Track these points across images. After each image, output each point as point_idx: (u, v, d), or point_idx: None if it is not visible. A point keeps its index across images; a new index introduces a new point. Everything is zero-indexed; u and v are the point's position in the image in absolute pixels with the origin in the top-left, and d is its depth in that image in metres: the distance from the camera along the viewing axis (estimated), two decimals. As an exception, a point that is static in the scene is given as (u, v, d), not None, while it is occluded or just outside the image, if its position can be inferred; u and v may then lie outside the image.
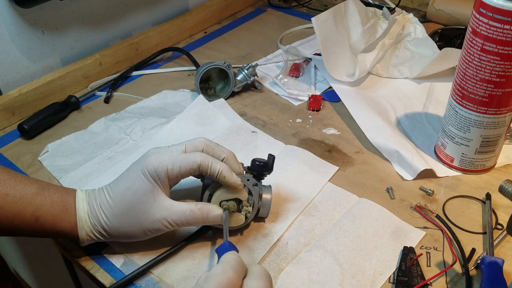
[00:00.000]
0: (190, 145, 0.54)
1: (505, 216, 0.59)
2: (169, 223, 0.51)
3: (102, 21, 0.89)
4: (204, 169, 0.52)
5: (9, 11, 0.75)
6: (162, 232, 0.53)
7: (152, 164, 0.51)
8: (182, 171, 0.51)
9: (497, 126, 0.61)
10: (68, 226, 0.51)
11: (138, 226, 0.51)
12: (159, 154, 0.52)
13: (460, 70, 0.60)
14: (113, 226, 0.51)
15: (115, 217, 0.51)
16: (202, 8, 1.05)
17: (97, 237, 0.52)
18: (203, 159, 0.51)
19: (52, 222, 0.51)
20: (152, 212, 0.51)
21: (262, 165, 0.55)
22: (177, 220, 0.51)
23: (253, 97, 0.83)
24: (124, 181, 0.52)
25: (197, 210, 0.52)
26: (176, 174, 0.51)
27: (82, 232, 0.52)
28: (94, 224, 0.52)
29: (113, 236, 0.53)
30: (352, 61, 0.84)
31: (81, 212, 0.51)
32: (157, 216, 0.51)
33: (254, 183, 0.55)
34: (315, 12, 1.05)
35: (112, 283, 0.52)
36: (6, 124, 0.78)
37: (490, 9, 0.53)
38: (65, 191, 0.53)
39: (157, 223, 0.51)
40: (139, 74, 0.91)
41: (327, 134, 0.74)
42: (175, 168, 0.51)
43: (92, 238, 0.52)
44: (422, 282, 0.51)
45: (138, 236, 0.53)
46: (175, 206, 0.51)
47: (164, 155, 0.52)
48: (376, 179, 0.65)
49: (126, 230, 0.52)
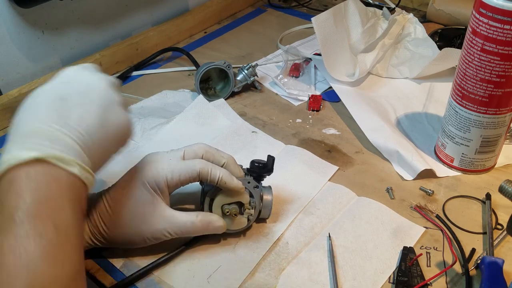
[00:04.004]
0: (189, 151, 0.53)
1: (505, 216, 0.59)
2: (169, 233, 0.51)
3: (102, 21, 0.89)
4: (204, 177, 0.51)
5: (9, 11, 0.75)
6: (162, 240, 0.52)
7: (151, 175, 0.50)
8: (182, 180, 0.51)
9: (497, 126, 0.61)
10: None
11: (138, 235, 0.51)
12: (158, 162, 0.51)
13: (460, 70, 0.60)
14: (113, 235, 0.51)
15: (115, 226, 0.51)
16: (202, 8, 1.05)
17: (95, 243, 0.52)
18: (202, 166, 0.51)
19: None
20: (152, 223, 0.51)
21: (262, 166, 0.55)
22: (177, 231, 0.51)
23: (253, 97, 0.83)
24: (123, 190, 0.51)
25: (198, 222, 0.51)
26: (176, 182, 0.51)
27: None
28: (94, 232, 0.51)
29: (112, 243, 0.52)
30: (352, 61, 0.84)
31: None
32: (158, 226, 0.51)
33: (255, 185, 0.55)
34: (315, 12, 1.05)
35: (112, 283, 0.52)
36: (6, 124, 0.77)
37: (490, 9, 0.53)
38: None
39: (157, 233, 0.51)
40: (139, 74, 0.91)
41: (327, 134, 0.74)
42: (174, 177, 0.51)
43: (91, 244, 0.52)
44: (422, 282, 0.51)
45: (138, 244, 0.52)
46: (176, 217, 0.51)
47: (163, 163, 0.51)
48: (376, 179, 0.65)
49: (126, 238, 0.52)
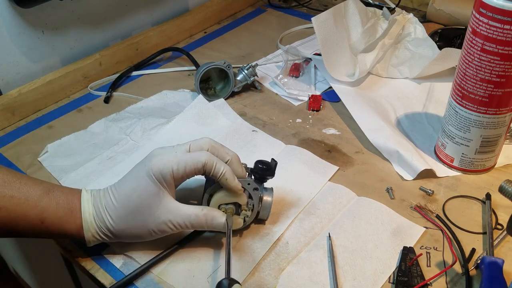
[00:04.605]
0: (195, 145, 0.54)
1: (505, 216, 0.59)
2: (173, 225, 0.52)
3: (102, 21, 0.89)
4: (209, 169, 0.51)
5: (9, 11, 0.75)
6: (168, 233, 0.53)
7: (157, 166, 0.50)
8: (187, 171, 0.51)
9: (497, 126, 0.61)
10: (74, 228, 0.51)
11: (144, 227, 0.52)
12: (164, 155, 0.52)
13: (460, 70, 0.60)
14: (119, 228, 0.51)
15: (121, 219, 0.51)
16: (202, 8, 1.05)
17: (103, 238, 0.53)
18: (208, 158, 0.51)
19: (58, 224, 0.51)
20: (157, 214, 0.51)
21: (265, 168, 0.55)
22: (181, 223, 0.52)
23: (253, 97, 0.83)
24: (129, 182, 0.52)
25: (202, 215, 0.52)
26: (182, 174, 0.51)
27: (88, 233, 0.52)
28: (100, 226, 0.52)
29: (119, 237, 0.53)
30: (352, 61, 0.84)
31: (86, 214, 0.51)
32: (163, 218, 0.51)
33: (255, 187, 0.55)
34: (315, 12, 1.05)
35: (112, 283, 0.52)
36: (6, 124, 0.78)
37: (490, 9, 0.53)
38: (71, 192, 0.52)
39: (162, 225, 0.51)
40: (139, 74, 0.91)
41: (327, 134, 0.74)
42: (180, 168, 0.51)
43: (98, 239, 0.53)
44: (422, 282, 0.51)
45: (143, 237, 0.53)
46: (180, 209, 0.51)
47: (169, 155, 0.51)
48: (376, 179, 0.65)
49: (132, 231, 0.52)
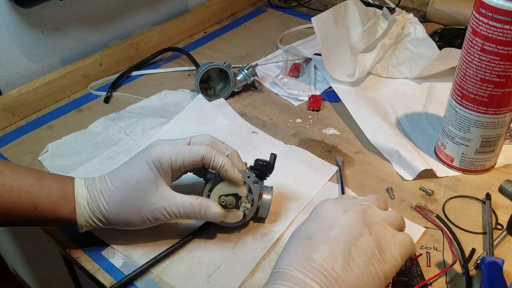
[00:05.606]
0: (195, 140, 0.55)
1: (505, 216, 0.59)
2: (167, 213, 0.52)
3: (102, 21, 0.89)
4: (207, 161, 0.52)
5: (9, 11, 0.75)
6: (161, 221, 0.53)
7: (156, 154, 0.51)
8: (185, 163, 0.52)
9: (497, 126, 0.61)
10: (67, 212, 0.52)
11: (138, 214, 0.52)
12: (164, 145, 0.53)
13: (460, 70, 0.60)
14: (113, 213, 0.52)
15: (116, 203, 0.52)
16: (202, 8, 1.05)
17: (96, 223, 0.53)
18: (206, 151, 0.52)
19: (50, 209, 0.51)
20: (152, 201, 0.52)
21: (265, 164, 0.56)
22: (175, 211, 0.52)
23: (253, 97, 0.83)
24: (128, 168, 0.53)
25: (196, 204, 0.52)
26: (180, 165, 0.52)
27: (80, 218, 0.52)
28: (93, 210, 0.52)
29: (112, 223, 0.53)
30: (352, 61, 0.84)
31: (80, 198, 0.52)
32: (157, 205, 0.52)
33: (255, 180, 0.55)
34: (315, 12, 1.05)
35: (112, 283, 0.52)
36: (6, 124, 0.78)
37: (490, 9, 0.53)
38: (63, 178, 0.53)
39: (156, 212, 0.52)
40: (139, 74, 0.91)
41: (327, 134, 0.74)
42: (178, 159, 0.52)
43: (90, 224, 0.53)
44: (422, 282, 0.51)
45: (136, 224, 0.53)
46: (175, 198, 0.52)
47: (169, 146, 0.52)
48: (376, 179, 0.65)
49: (125, 217, 0.52)
